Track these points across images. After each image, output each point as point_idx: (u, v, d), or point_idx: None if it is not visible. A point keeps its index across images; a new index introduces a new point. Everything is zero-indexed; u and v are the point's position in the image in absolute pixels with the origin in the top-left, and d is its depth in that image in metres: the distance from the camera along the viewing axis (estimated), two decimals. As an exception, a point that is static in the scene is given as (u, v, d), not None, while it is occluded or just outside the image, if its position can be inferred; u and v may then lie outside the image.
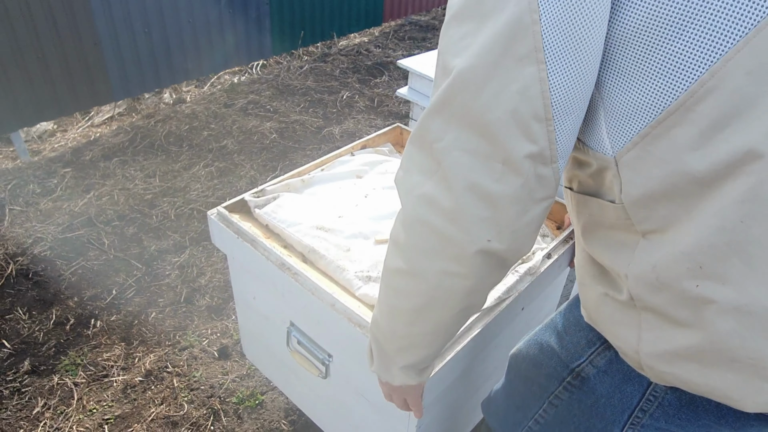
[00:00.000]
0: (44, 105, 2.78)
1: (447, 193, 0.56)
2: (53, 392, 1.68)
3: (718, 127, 0.49)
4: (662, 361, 0.60)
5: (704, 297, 0.54)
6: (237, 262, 1.28)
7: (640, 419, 0.70)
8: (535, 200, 0.56)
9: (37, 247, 2.22)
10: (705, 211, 0.52)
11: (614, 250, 0.61)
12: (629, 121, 0.54)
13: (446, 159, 0.55)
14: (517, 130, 0.52)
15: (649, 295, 0.58)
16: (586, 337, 0.74)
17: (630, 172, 0.56)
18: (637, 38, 0.51)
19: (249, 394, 1.69)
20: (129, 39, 3.00)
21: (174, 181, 2.67)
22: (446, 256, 0.59)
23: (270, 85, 3.65)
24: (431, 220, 0.58)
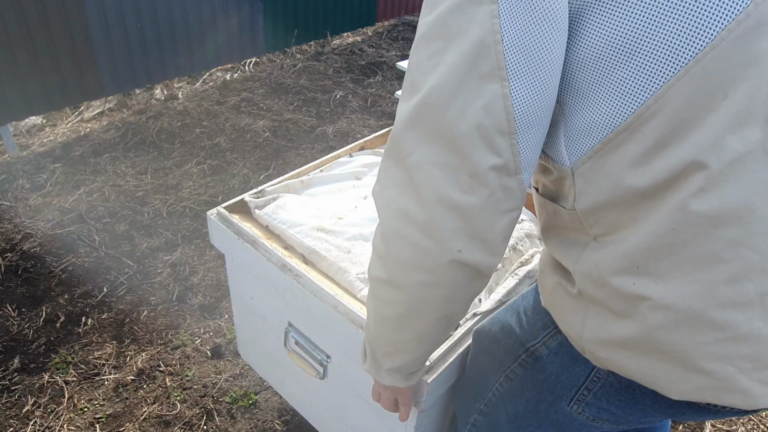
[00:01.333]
0: (33, 99, 2.74)
1: (419, 206, 0.59)
2: (43, 390, 1.66)
3: (660, 145, 0.55)
4: (601, 348, 0.66)
5: (639, 294, 0.59)
6: (236, 262, 1.28)
7: (585, 396, 0.75)
8: (502, 211, 0.59)
9: (27, 243, 2.19)
10: (645, 218, 0.58)
11: (566, 247, 0.67)
12: (584, 137, 0.59)
13: (417, 173, 0.58)
14: (482, 144, 0.56)
15: (592, 289, 0.64)
16: (542, 321, 0.80)
17: (583, 182, 0.61)
18: (593, 64, 0.55)
19: (242, 394, 1.68)
20: (121, 34, 2.97)
21: (166, 179, 2.65)
22: (422, 267, 0.62)
23: (263, 83, 3.64)
24: (407, 234, 0.61)
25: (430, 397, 0.95)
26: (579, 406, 0.76)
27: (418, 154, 0.58)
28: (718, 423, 1.73)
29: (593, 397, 0.74)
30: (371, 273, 0.70)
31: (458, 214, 0.58)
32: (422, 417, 1.04)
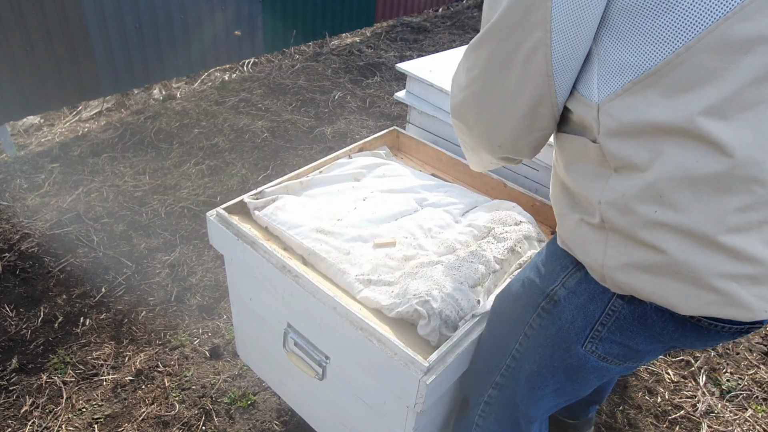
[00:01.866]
0: (31, 99, 2.74)
1: (471, 106, 0.81)
2: (41, 391, 1.66)
3: (684, 89, 0.63)
4: (621, 273, 0.74)
5: (660, 221, 0.68)
6: (235, 263, 1.28)
7: (599, 332, 0.83)
8: (532, 130, 0.78)
9: (25, 243, 2.19)
10: (669, 152, 0.65)
11: (590, 180, 0.75)
12: (617, 76, 0.67)
13: (473, 85, 0.79)
14: (526, 76, 0.71)
15: (617, 218, 0.71)
16: (561, 263, 0.86)
17: (607, 117, 0.69)
18: (635, 11, 0.64)
19: (241, 395, 1.69)
20: (119, 33, 2.97)
21: (164, 179, 2.64)
22: (470, 146, 0.91)
23: (261, 83, 3.64)
24: (465, 118, 0.85)
25: (429, 398, 0.96)
26: (593, 343, 0.84)
27: (476, 71, 0.78)
28: (714, 424, 1.74)
29: (607, 332, 0.82)
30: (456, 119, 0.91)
31: (499, 120, 0.78)
32: (421, 418, 1.04)
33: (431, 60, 1.68)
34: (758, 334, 2.07)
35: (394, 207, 1.29)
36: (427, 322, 1.00)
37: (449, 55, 1.74)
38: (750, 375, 1.91)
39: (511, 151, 0.83)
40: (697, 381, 1.88)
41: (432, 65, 1.64)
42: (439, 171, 1.57)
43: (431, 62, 1.67)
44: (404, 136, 1.63)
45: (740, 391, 1.85)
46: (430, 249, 1.17)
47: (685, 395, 1.83)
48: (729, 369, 1.93)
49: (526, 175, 1.49)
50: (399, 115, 3.45)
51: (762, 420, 1.76)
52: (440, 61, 1.69)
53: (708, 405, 1.80)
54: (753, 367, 1.95)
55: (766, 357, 1.98)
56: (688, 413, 1.77)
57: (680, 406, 1.79)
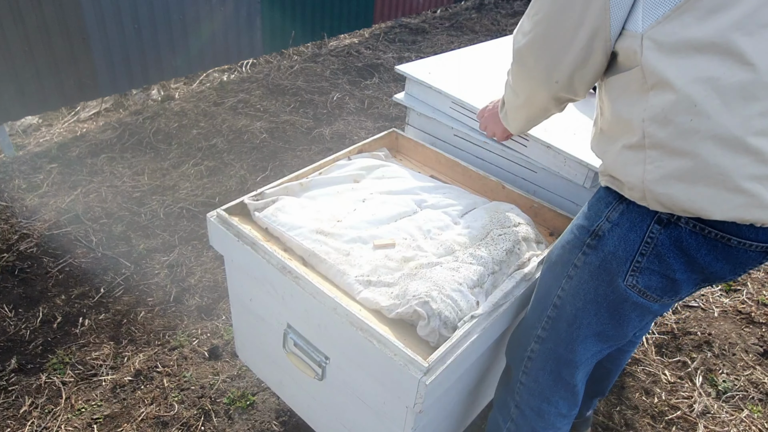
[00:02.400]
0: (29, 99, 2.74)
1: (534, 46, 0.93)
2: (41, 391, 1.66)
3: (713, 12, 0.74)
4: (659, 185, 0.83)
5: (694, 128, 0.77)
6: (235, 264, 1.29)
7: (639, 263, 0.91)
8: (586, 64, 0.88)
9: (23, 244, 2.19)
10: (701, 65, 0.75)
11: (632, 105, 0.84)
12: (659, 6, 0.78)
13: (537, 26, 0.91)
14: (585, 13, 0.83)
15: (658, 131, 0.81)
16: (605, 201, 0.95)
17: (649, 42, 0.79)
18: None
19: (240, 395, 1.69)
20: (118, 34, 2.97)
21: (163, 180, 2.65)
22: (532, 84, 1.00)
23: (260, 84, 3.64)
24: (523, 59, 0.97)
25: (428, 399, 0.96)
26: (633, 277, 0.92)
27: (540, 14, 0.90)
28: (710, 424, 1.75)
29: (646, 262, 0.90)
30: (510, 65, 1.04)
31: (557, 53, 0.90)
32: (420, 418, 1.05)
33: (430, 62, 1.69)
34: (754, 335, 2.08)
35: (393, 208, 1.30)
36: (427, 322, 1.00)
37: (448, 57, 1.75)
38: (746, 376, 1.93)
39: (565, 87, 0.93)
40: (694, 382, 1.89)
41: (431, 67, 1.65)
42: (438, 173, 1.58)
43: (430, 64, 1.68)
44: (403, 138, 1.64)
45: (736, 392, 1.86)
46: (429, 250, 1.18)
47: (681, 396, 1.84)
48: (725, 370, 1.94)
49: (524, 177, 1.49)
50: (397, 116, 3.46)
51: (758, 421, 1.78)
52: (439, 63, 1.70)
53: (704, 406, 1.81)
54: (749, 368, 1.96)
55: (762, 358, 1.99)
56: (685, 414, 1.78)
57: (677, 407, 1.80)
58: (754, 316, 2.16)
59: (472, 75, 1.65)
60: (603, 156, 0.95)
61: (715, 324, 2.13)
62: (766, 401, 1.84)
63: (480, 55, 1.82)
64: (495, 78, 1.65)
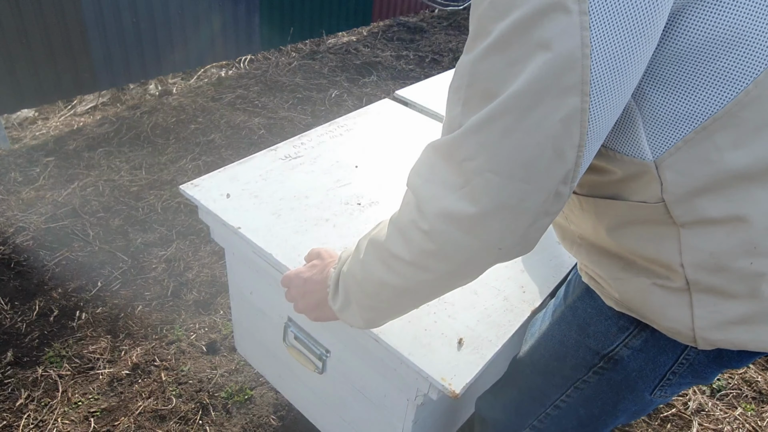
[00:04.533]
0: (26, 92, 2.72)
1: (472, 210, 0.59)
2: (37, 384, 1.65)
3: (760, 128, 0.58)
4: (717, 331, 0.69)
5: (758, 272, 0.64)
6: (236, 257, 1.29)
7: (670, 380, 0.78)
8: (547, 213, 0.60)
9: (20, 237, 2.18)
10: (758, 198, 0.61)
11: (656, 242, 0.67)
12: (673, 129, 0.60)
13: (476, 179, 0.58)
14: (552, 155, 0.56)
15: (708, 278, 0.66)
16: (617, 324, 0.80)
17: (673, 173, 0.62)
18: (691, 56, 0.56)
19: (238, 389, 1.69)
20: (116, 28, 2.96)
21: (160, 174, 2.64)
22: (455, 260, 0.64)
23: (258, 80, 3.64)
24: (449, 232, 0.62)
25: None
26: (662, 390, 0.80)
27: (480, 159, 0.58)
28: (705, 422, 1.77)
29: (678, 378, 0.78)
30: (389, 247, 0.70)
31: (511, 218, 0.59)
32: (421, 410, 1.05)
33: (426, 86, 1.70)
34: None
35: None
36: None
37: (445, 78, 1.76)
38: (740, 374, 1.94)
39: (511, 251, 0.63)
40: (689, 379, 1.91)
41: (429, 91, 1.66)
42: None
43: (427, 88, 1.69)
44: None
45: (730, 390, 1.88)
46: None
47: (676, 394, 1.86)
48: (720, 368, 1.96)
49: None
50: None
51: (751, 418, 1.79)
52: (437, 84, 1.71)
53: (699, 403, 1.83)
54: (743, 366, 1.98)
55: (756, 357, 2.02)
56: (680, 411, 1.80)
57: (672, 405, 1.82)
58: (749, 315, 2.18)
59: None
60: (614, 281, 0.75)
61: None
62: (760, 399, 1.86)
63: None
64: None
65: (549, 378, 0.91)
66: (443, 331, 0.98)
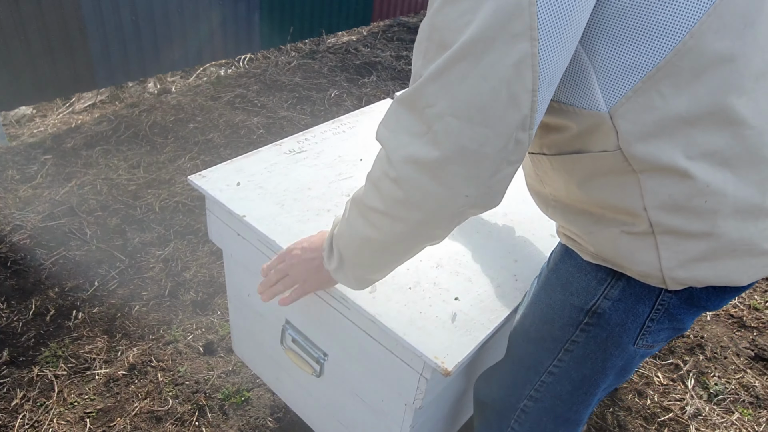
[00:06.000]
0: (24, 89, 2.71)
1: (435, 154, 0.63)
2: (33, 384, 1.65)
3: (697, 77, 0.63)
4: (682, 270, 0.73)
5: (712, 209, 0.69)
6: (234, 259, 1.28)
7: (649, 327, 0.83)
8: (509, 162, 0.64)
9: (16, 235, 2.17)
10: (701, 141, 0.65)
11: (620, 190, 0.71)
12: (623, 80, 0.64)
13: (437, 123, 0.62)
14: (507, 99, 0.59)
15: (669, 219, 0.70)
16: (595, 278, 0.83)
17: (625, 122, 0.66)
18: (631, 11, 0.61)
19: (235, 391, 1.68)
20: (115, 26, 2.95)
21: (159, 173, 2.63)
22: (426, 209, 0.68)
23: (257, 79, 3.63)
24: (416, 178, 0.66)
25: (428, 395, 0.97)
26: (644, 339, 0.84)
27: (439, 105, 0.61)
28: (702, 427, 1.77)
29: (656, 324, 0.82)
30: (365, 201, 0.75)
31: (473, 163, 0.62)
32: (419, 415, 1.05)
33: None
34: (746, 339, 2.10)
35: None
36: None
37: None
38: (737, 379, 1.94)
39: (478, 200, 0.66)
40: (686, 384, 1.91)
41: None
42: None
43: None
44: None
45: (727, 395, 1.88)
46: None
47: (674, 398, 1.86)
48: (717, 373, 1.96)
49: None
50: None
51: (748, 423, 1.79)
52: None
53: (696, 408, 1.83)
54: (740, 371, 1.98)
55: (753, 361, 2.01)
56: (677, 416, 1.80)
57: (669, 409, 1.82)
58: (746, 320, 2.18)
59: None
60: (587, 237, 0.80)
61: (708, 327, 2.15)
62: (756, 404, 1.86)
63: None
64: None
65: (540, 344, 0.94)
66: (438, 314, 0.99)
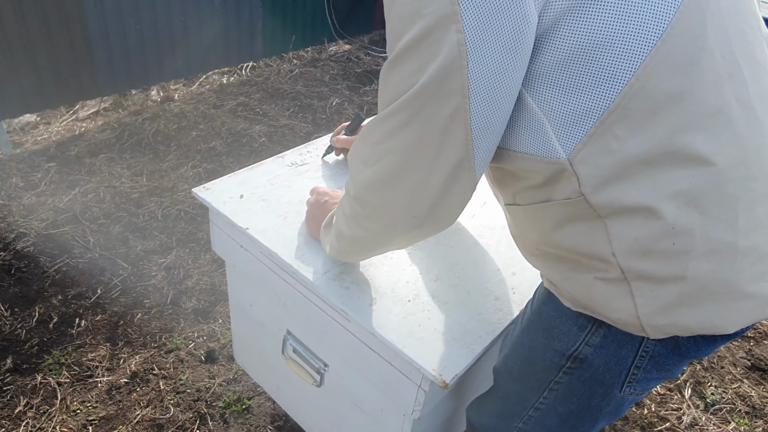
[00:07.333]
0: (29, 97, 2.74)
1: (382, 182, 0.75)
2: (36, 391, 1.66)
3: (650, 116, 0.64)
4: (660, 317, 0.71)
5: (682, 250, 0.67)
6: (237, 269, 1.30)
7: (635, 375, 0.82)
8: (452, 192, 0.73)
9: (20, 243, 2.19)
10: (662, 181, 0.65)
11: (588, 236, 0.72)
12: (576, 126, 0.66)
13: (385, 158, 0.74)
14: (442, 143, 0.68)
15: (638, 263, 0.70)
16: (576, 324, 0.84)
17: (585, 167, 0.68)
18: (574, 59, 0.64)
19: (236, 399, 1.70)
20: (119, 34, 2.98)
21: (161, 181, 2.65)
22: (382, 223, 0.81)
23: (260, 87, 3.66)
24: (369, 199, 0.79)
25: (426, 406, 0.98)
26: (630, 387, 0.83)
27: (387, 144, 0.73)
28: (699, 436, 1.79)
29: (643, 373, 0.81)
30: (342, 205, 0.90)
31: (413, 192, 0.73)
32: (417, 426, 1.07)
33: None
34: (742, 349, 2.12)
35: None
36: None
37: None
38: (734, 389, 1.96)
39: (426, 221, 0.76)
40: (683, 394, 1.92)
41: None
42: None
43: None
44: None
45: (724, 405, 1.90)
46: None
47: (670, 407, 1.87)
48: (714, 383, 1.97)
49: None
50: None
51: (741, 426, 1.81)
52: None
53: (693, 418, 1.84)
54: (737, 381, 1.99)
55: (749, 371, 2.03)
56: (674, 425, 1.81)
57: (666, 418, 1.83)
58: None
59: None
60: (564, 284, 0.81)
61: (705, 337, 2.16)
62: (753, 414, 1.88)
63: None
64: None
65: (524, 383, 0.94)
66: (436, 327, 1.01)
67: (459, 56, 0.62)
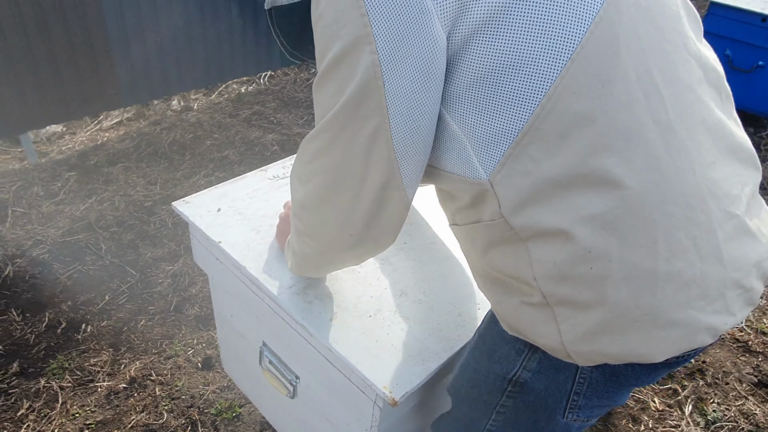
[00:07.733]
0: (54, 108, 2.86)
1: (314, 201, 0.78)
2: (38, 395, 1.73)
3: (562, 138, 0.63)
4: (583, 343, 0.69)
5: (599, 275, 0.65)
6: (215, 280, 1.33)
7: (576, 401, 0.80)
8: (385, 210, 0.74)
9: (36, 250, 2.29)
10: (577, 204, 0.64)
11: (511, 260, 0.71)
12: (494, 146, 0.66)
13: (314, 178, 0.76)
14: (366, 163, 0.70)
15: (558, 288, 0.68)
16: (514, 348, 0.82)
17: (503, 188, 0.67)
18: (486, 80, 0.64)
19: (227, 406, 1.73)
20: (140, 48, 3.08)
21: (174, 190, 2.73)
22: (321, 241, 0.84)
23: (276, 96, 3.72)
24: (306, 217, 0.83)
25: (383, 422, 0.98)
26: (573, 413, 0.81)
27: (314, 164, 0.76)
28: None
29: (584, 399, 0.79)
30: (292, 221, 0.91)
31: (346, 209, 0.75)
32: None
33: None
34: (749, 364, 2.02)
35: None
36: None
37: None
38: (737, 406, 1.87)
39: (364, 239, 0.77)
40: (683, 410, 1.85)
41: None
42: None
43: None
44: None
45: (726, 423, 1.81)
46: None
47: (669, 424, 1.80)
48: (717, 399, 1.89)
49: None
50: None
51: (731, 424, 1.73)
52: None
53: (699, 437, 1.77)
54: (741, 398, 1.90)
55: (756, 388, 1.94)
56: (678, 445, 1.75)
57: (670, 437, 1.77)
58: (752, 344, 2.10)
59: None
60: (498, 307, 0.79)
61: (711, 351, 2.08)
62: (765, 435, 1.79)
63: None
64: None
65: (473, 405, 0.93)
66: (393, 343, 1.00)
67: (375, 76, 0.64)
